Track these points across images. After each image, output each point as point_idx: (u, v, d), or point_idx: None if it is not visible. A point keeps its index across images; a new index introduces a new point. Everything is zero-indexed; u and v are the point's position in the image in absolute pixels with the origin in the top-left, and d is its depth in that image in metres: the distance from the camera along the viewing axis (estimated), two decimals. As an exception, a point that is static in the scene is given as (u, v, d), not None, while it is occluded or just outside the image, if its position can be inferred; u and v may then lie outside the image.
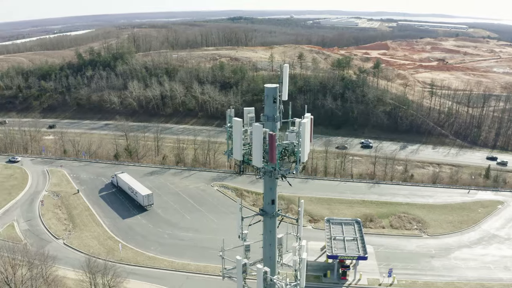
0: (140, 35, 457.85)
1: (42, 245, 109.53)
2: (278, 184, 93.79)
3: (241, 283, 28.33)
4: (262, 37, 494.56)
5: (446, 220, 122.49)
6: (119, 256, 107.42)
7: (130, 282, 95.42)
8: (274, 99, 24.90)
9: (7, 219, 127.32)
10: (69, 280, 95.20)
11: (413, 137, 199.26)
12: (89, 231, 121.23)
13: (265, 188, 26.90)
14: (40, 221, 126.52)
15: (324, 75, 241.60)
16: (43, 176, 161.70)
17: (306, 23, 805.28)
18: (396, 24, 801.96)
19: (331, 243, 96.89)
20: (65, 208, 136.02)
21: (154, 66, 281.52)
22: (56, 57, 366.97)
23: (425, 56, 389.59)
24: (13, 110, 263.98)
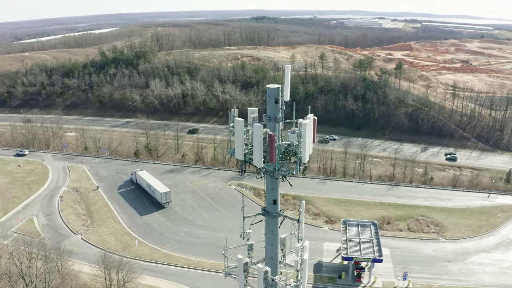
0: (163, 34, 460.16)
1: (60, 240, 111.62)
2: (295, 185, 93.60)
3: (242, 282, 28.48)
4: (284, 37, 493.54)
5: (465, 224, 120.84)
6: (135, 252, 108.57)
7: (145, 278, 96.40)
8: (276, 100, 24.86)
9: (26, 214, 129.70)
10: (84, 275, 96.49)
11: (434, 139, 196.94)
12: (106, 227, 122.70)
13: (267, 188, 26.93)
14: (59, 216, 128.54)
15: (345, 76, 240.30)
16: (64, 172, 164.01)
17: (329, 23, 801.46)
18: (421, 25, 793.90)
19: (347, 244, 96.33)
20: (84, 204, 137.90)
21: (176, 65, 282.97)
22: (80, 55, 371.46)
23: (449, 57, 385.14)
24: (36, 106, 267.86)
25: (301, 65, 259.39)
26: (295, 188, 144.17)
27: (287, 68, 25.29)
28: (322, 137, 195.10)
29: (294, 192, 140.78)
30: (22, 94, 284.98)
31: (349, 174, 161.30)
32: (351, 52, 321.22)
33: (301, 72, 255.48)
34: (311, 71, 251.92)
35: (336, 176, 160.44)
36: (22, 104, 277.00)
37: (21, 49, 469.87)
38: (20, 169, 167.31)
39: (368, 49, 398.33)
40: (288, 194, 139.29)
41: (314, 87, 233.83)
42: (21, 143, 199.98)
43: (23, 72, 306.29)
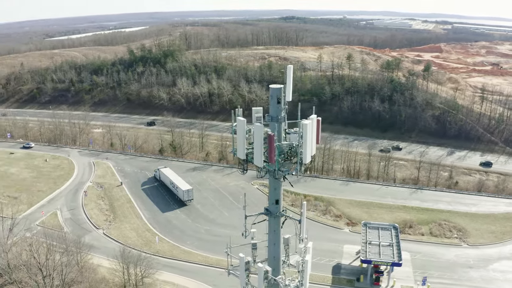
0: (192, 33, 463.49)
1: (82, 234, 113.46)
2: (317, 186, 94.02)
3: (244, 281, 28.53)
4: (313, 37, 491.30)
5: (488, 230, 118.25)
6: (155, 248, 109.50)
7: (164, 274, 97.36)
8: (279, 100, 24.70)
9: (51, 208, 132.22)
10: (103, 269, 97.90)
11: (461, 143, 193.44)
12: (128, 223, 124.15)
13: (269, 188, 26.79)
14: (83, 211, 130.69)
15: (372, 77, 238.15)
16: (89, 168, 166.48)
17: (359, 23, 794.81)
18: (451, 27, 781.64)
19: (366, 247, 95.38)
20: (107, 199, 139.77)
21: (203, 64, 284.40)
22: (109, 52, 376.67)
23: (479, 60, 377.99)
24: (65, 103, 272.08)
25: (328, 66, 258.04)
26: (317, 189, 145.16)
27: (289, 68, 25.19)
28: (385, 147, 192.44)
29: (316, 193, 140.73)
30: (51, 90, 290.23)
31: (373, 176, 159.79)
32: (380, 53, 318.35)
33: (327, 73, 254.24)
34: (338, 72, 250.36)
35: (360, 178, 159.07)
36: (51, 100, 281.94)
37: (51, 46, 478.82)
38: (47, 164, 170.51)
39: (397, 50, 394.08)
40: (310, 195, 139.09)
41: (341, 88, 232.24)
42: (49, 138, 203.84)
43: (53, 69, 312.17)
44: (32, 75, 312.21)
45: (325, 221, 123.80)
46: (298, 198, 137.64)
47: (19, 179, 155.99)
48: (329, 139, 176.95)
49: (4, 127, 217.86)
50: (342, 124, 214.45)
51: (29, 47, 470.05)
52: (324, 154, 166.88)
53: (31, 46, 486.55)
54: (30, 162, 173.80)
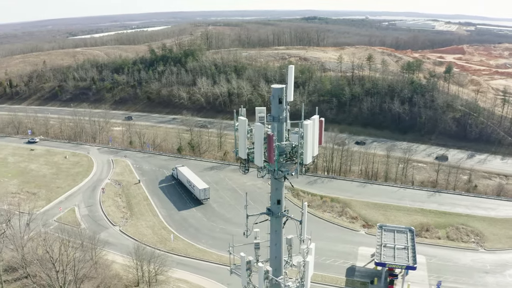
0: (213, 33, 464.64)
1: (99, 231, 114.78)
2: (334, 188, 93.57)
3: (245, 280, 28.41)
4: (334, 38, 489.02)
5: (506, 235, 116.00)
6: (170, 246, 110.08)
7: (178, 272, 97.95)
8: (280, 100, 24.53)
9: (68, 204, 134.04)
10: (117, 265, 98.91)
11: (482, 146, 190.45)
12: (145, 220, 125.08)
13: (271, 188, 26.64)
14: (100, 208, 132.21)
15: (393, 78, 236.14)
16: (108, 165, 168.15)
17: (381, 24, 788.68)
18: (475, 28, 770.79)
19: (381, 250, 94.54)
20: (125, 196, 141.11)
21: (224, 63, 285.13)
22: (130, 51, 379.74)
23: (502, 62, 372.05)
24: (86, 101, 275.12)
25: (348, 67, 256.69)
26: (334, 190, 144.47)
27: (290, 68, 25.03)
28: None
29: (332, 194, 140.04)
30: (73, 88, 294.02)
31: (391, 178, 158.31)
32: (401, 54, 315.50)
33: (348, 74, 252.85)
34: (358, 73, 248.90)
35: (378, 180, 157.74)
36: (73, 98, 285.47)
37: (74, 45, 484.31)
38: (66, 161, 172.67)
39: (420, 51, 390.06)
40: (327, 196, 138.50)
41: (361, 89, 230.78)
42: (69, 135, 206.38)
43: (75, 67, 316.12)
44: (54, 73, 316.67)
45: (341, 223, 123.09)
46: (314, 199, 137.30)
47: (38, 176, 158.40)
48: (348, 140, 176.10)
49: (25, 124, 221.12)
50: (362, 126, 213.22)
51: (52, 46, 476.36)
52: (342, 155, 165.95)
53: (54, 44, 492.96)
54: (50, 158, 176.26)
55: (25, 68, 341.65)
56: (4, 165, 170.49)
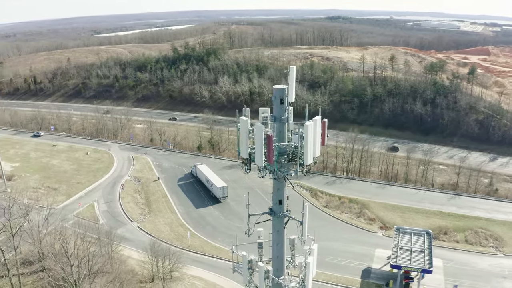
0: (237, 31, 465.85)
1: (117, 226, 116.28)
2: (353, 188, 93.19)
3: (247, 279, 28.75)
4: (358, 37, 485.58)
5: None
6: (187, 243, 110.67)
7: (193, 269, 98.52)
8: (282, 100, 24.51)
9: (88, 199, 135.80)
10: (133, 261, 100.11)
11: (505, 149, 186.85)
12: (163, 217, 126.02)
13: (273, 188, 26.72)
14: (119, 204, 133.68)
15: (416, 79, 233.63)
16: (128, 162, 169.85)
17: (405, 24, 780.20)
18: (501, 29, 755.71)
19: (397, 252, 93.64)
20: (144, 193, 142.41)
21: (246, 62, 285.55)
22: (154, 50, 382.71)
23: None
24: (109, 98, 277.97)
25: (370, 67, 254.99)
26: (352, 191, 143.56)
27: (291, 69, 24.96)
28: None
29: (351, 195, 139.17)
30: (96, 85, 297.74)
31: (411, 180, 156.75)
32: (425, 54, 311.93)
33: (370, 74, 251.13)
34: (381, 73, 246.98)
35: (398, 181, 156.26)
36: (96, 95, 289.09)
37: (98, 43, 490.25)
38: (87, 157, 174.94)
39: (444, 52, 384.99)
40: (345, 197, 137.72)
41: (383, 89, 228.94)
42: (91, 132, 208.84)
43: (98, 65, 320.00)
44: (78, 70, 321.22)
45: (358, 224, 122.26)
46: (332, 199, 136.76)
47: (60, 171, 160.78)
48: (368, 141, 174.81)
49: (48, 120, 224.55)
50: (383, 126, 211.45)
51: (76, 43, 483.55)
52: (362, 156, 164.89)
53: (79, 42, 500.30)
54: (72, 154, 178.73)
55: (49, 65, 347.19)
56: (27, 160, 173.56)
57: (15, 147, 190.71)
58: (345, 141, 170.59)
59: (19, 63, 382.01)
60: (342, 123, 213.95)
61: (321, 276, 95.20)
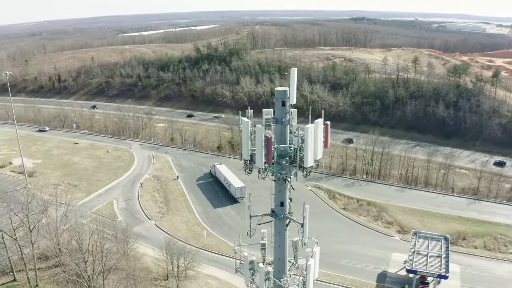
0: (260, 32, 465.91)
1: (135, 224, 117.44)
2: (372, 191, 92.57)
3: (248, 279, 28.91)
4: (382, 39, 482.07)
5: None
6: (203, 242, 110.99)
7: (208, 268, 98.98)
8: (283, 103, 24.52)
9: (108, 197, 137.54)
10: (148, 258, 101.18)
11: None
12: (180, 216, 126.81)
13: (275, 190, 26.72)
14: (138, 202, 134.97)
15: (438, 81, 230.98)
16: (148, 161, 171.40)
17: (430, 26, 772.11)
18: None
19: (413, 257, 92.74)
20: (162, 192, 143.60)
21: (268, 63, 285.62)
22: (177, 50, 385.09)
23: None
24: (131, 97, 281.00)
25: (393, 68, 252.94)
26: (371, 194, 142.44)
27: (292, 71, 24.98)
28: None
29: (369, 198, 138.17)
30: (119, 84, 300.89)
31: (432, 184, 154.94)
32: (449, 57, 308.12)
33: (392, 76, 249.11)
34: (403, 75, 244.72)
35: (418, 185, 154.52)
36: (119, 94, 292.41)
37: (122, 42, 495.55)
38: (108, 155, 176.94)
39: (468, 54, 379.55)
40: (363, 199, 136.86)
41: (405, 91, 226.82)
42: (113, 130, 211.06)
43: (122, 64, 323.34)
44: (101, 69, 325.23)
45: (376, 227, 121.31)
46: (351, 202, 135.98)
47: (80, 168, 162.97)
48: (389, 143, 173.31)
49: (71, 118, 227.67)
50: (405, 129, 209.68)
51: (101, 42, 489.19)
52: (382, 158, 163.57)
53: (103, 41, 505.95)
54: (93, 152, 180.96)
55: (73, 64, 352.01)
56: (48, 157, 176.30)
57: (37, 144, 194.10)
58: (365, 143, 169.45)
59: (44, 62, 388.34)
60: (363, 125, 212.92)
61: (336, 279, 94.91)
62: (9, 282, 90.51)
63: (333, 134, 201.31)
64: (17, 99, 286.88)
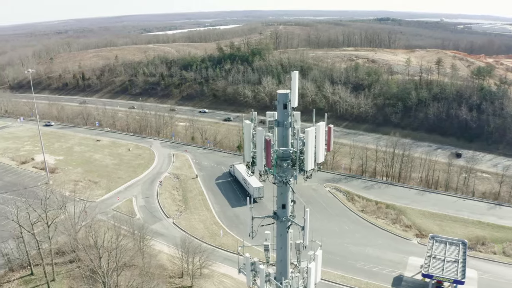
0: (283, 32, 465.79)
1: (153, 222, 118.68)
2: (391, 194, 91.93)
3: (250, 280, 29.08)
4: (406, 40, 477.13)
5: None
6: (219, 241, 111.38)
7: (223, 267, 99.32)
8: (285, 105, 24.60)
9: (127, 194, 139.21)
10: (164, 255, 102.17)
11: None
12: (198, 214, 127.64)
13: (277, 192, 26.90)
14: (156, 200, 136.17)
15: (462, 84, 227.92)
16: (168, 159, 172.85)
17: (456, 27, 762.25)
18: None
19: (430, 261, 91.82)
20: (181, 190, 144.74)
21: (290, 63, 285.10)
22: (200, 49, 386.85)
23: None
24: (154, 96, 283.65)
25: (416, 70, 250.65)
26: (390, 197, 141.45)
27: (293, 74, 24.98)
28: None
29: (388, 201, 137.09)
30: (142, 83, 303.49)
31: (452, 187, 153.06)
32: (474, 59, 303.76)
33: (415, 77, 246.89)
34: (426, 77, 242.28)
35: (438, 188, 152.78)
36: (142, 92, 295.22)
37: (147, 41, 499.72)
38: (129, 153, 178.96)
39: (494, 56, 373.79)
40: (382, 202, 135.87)
41: (428, 93, 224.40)
42: (134, 129, 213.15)
43: (145, 63, 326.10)
44: (125, 67, 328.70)
45: (394, 230, 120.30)
46: (369, 204, 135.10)
47: (101, 165, 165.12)
48: (410, 145, 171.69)
49: (94, 115, 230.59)
50: (427, 131, 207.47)
51: (125, 41, 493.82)
52: (402, 161, 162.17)
53: (127, 40, 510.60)
54: (114, 150, 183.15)
55: (98, 62, 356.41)
56: (70, 154, 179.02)
57: (60, 140, 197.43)
58: (386, 145, 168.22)
59: (68, 59, 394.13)
60: (385, 126, 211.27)
61: (351, 282, 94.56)
62: (27, 276, 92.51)
63: (354, 136, 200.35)
64: (41, 96, 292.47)
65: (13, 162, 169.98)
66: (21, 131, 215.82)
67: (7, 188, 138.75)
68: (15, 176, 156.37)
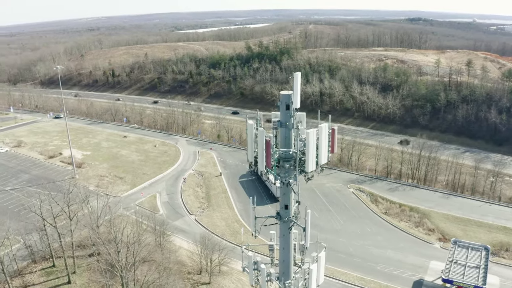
0: (313, 31, 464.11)
1: (175, 218, 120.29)
2: (415, 196, 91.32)
3: (252, 279, 29.24)
4: (438, 40, 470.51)
5: None
6: (240, 239, 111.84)
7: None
8: (287, 106, 24.80)
9: (152, 190, 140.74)
10: (184, 251, 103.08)
11: None
12: (220, 212, 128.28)
13: (280, 193, 27.14)
14: (180, 196, 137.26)
15: (492, 86, 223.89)
16: (193, 156, 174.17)
17: (488, 28, 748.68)
18: None
19: (451, 266, 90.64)
20: (205, 187, 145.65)
21: (318, 62, 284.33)
22: (229, 47, 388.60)
23: None
24: (182, 93, 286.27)
25: (446, 71, 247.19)
26: (414, 199, 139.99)
27: (296, 75, 25.17)
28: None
29: (412, 203, 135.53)
30: (171, 80, 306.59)
31: (478, 192, 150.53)
32: (506, 60, 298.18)
33: (445, 79, 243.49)
34: (456, 78, 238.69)
35: (464, 192, 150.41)
36: (170, 90, 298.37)
37: (176, 39, 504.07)
38: (155, 149, 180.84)
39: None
40: (406, 204, 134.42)
41: (457, 95, 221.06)
42: (162, 125, 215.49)
43: (174, 61, 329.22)
44: (154, 65, 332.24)
45: (416, 234, 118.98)
46: (393, 206, 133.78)
47: (127, 161, 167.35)
48: (437, 148, 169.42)
49: (122, 112, 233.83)
50: (455, 134, 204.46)
51: (155, 39, 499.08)
52: (428, 163, 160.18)
53: (158, 38, 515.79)
54: (141, 146, 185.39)
55: (128, 59, 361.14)
56: (98, 149, 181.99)
57: (88, 136, 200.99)
58: (412, 146, 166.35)
59: (99, 56, 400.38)
60: (413, 128, 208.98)
61: (370, 284, 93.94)
62: (49, 267, 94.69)
63: (381, 137, 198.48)
64: (71, 92, 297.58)
65: (41, 156, 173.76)
66: (50, 126, 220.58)
67: (34, 182, 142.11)
68: (42, 170, 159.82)
